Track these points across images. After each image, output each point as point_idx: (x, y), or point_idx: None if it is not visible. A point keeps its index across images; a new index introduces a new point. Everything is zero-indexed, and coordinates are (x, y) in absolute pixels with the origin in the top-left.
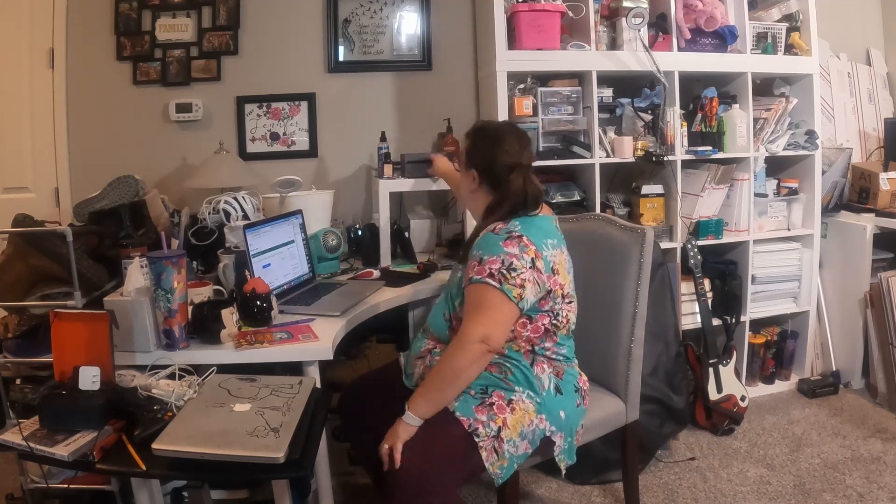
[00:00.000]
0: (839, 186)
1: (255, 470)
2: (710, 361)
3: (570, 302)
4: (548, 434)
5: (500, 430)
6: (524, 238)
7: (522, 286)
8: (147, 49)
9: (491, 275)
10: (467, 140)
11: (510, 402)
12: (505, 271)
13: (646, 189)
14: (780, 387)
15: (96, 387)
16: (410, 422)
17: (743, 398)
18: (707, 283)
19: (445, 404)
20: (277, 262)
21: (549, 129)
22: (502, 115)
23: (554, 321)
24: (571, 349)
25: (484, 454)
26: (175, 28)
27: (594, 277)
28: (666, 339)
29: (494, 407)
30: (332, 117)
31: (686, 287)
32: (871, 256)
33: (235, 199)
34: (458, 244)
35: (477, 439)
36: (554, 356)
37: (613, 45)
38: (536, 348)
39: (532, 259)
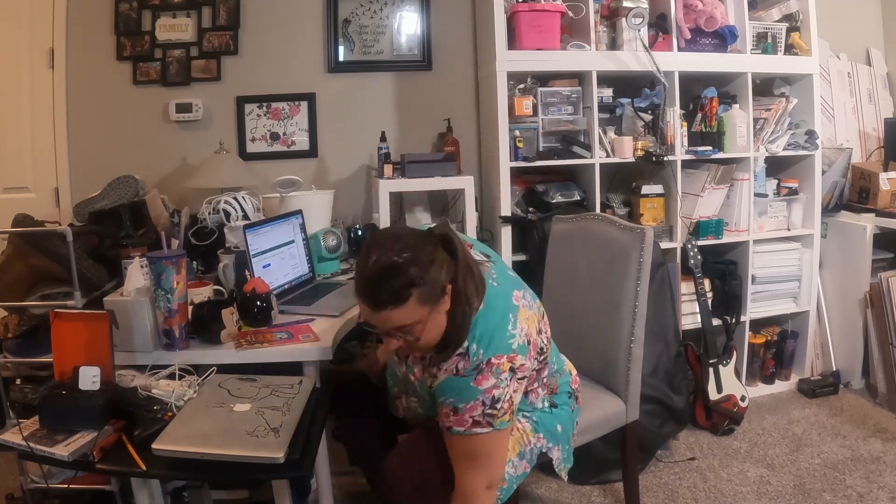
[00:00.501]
0: (839, 186)
1: (255, 470)
2: (710, 361)
3: (544, 317)
4: (544, 451)
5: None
6: (492, 360)
7: (511, 404)
8: (147, 49)
9: (476, 423)
10: (412, 296)
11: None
12: (489, 411)
13: (646, 189)
14: (780, 387)
15: (96, 387)
16: None
17: (743, 398)
18: (707, 283)
19: None
20: (277, 262)
21: (549, 129)
22: (502, 116)
23: (539, 357)
24: (557, 355)
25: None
26: (175, 28)
27: (594, 277)
28: (666, 339)
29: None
30: (332, 117)
31: (686, 287)
32: (871, 256)
33: (235, 199)
34: None
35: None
36: (547, 376)
37: (613, 45)
38: (529, 391)
39: (510, 368)
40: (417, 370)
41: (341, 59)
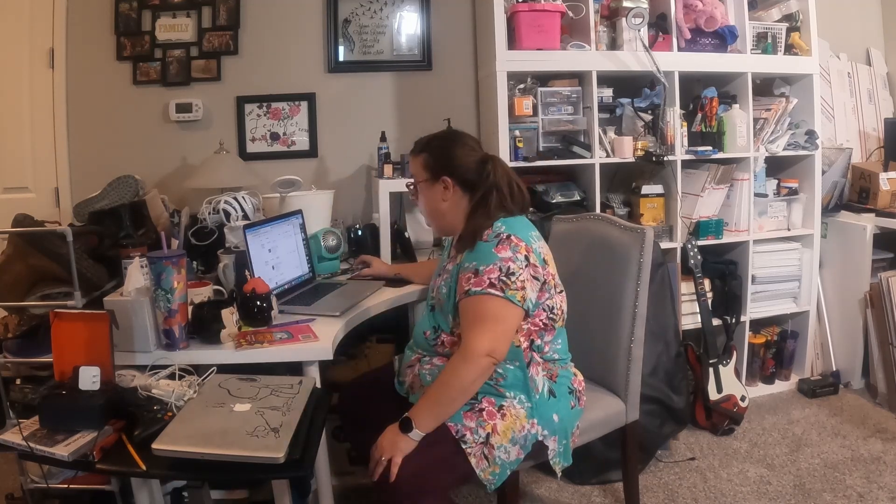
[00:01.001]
0: (839, 186)
1: (255, 470)
2: (710, 361)
3: (561, 291)
4: (540, 438)
5: (489, 436)
6: (512, 237)
7: (523, 287)
8: (147, 49)
9: (491, 284)
10: (422, 154)
11: (501, 407)
12: (504, 278)
13: (646, 189)
14: (780, 387)
15: (96, 387)
16: (416, 437)
17: (743, 398)
18: (707, 283)
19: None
20: (277, 262)
21: (549, 129)
22: (502, 115)
23: (551, 315)
24: (566, 346)
25: (473, 461)
26: (175, 28)
27: (594, 277)
28: (666, 339)
29: (484, 413)
30: (332, 117)
31: (686, 287)
32: (871, 256)
33: (235, 199)
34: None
35: (464, 446)
36: (549, 357)
37: (613, 45)
38: (534, 344)
39: (525, 256)
40: (450, 263)
41: (341, 59)
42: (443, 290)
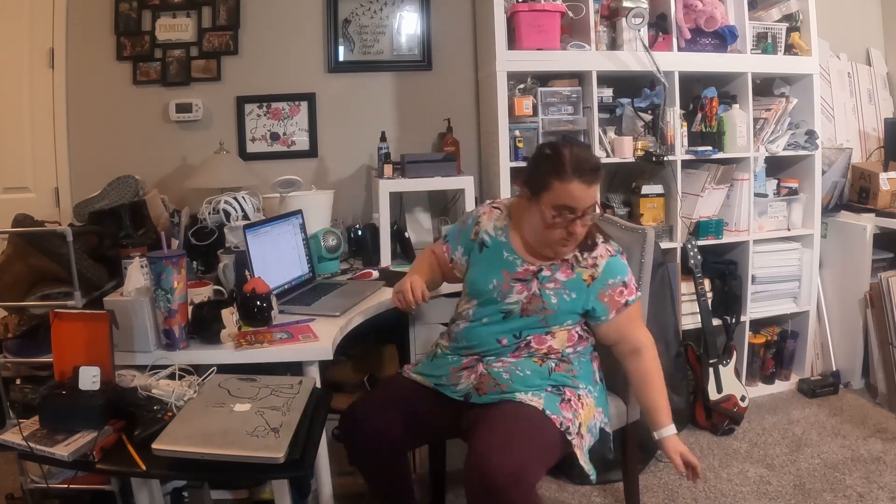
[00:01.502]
0: (839, 186)
1: (255, 470)
2: (710, 361)
3: None
4: (602, 426)
5: (580, 426)
6: (614, 243)
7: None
8: (147, 49)
9: (637, 288)
10: (600, 178)
11: (579, 397)
12: (632, 285)
13: (646, 189)
14: (780, 387)
15: (96, 387)
16: (674, 432)
17: (743, 398)
18: (707, 283)
19: None
20: (277, 262)
21: (549, 129)
22: (502, 115)
23: None
24: None
25: (577, 452)
26: (175, 28)
27: None
28: (666, 339)
29: (572, 403)
30: (332, 117)
31: (686, 287)
32: (871, 256)
33: (235, 199)
34: None
35: (570, 437)
36: (596, 345)
37: (613, 45)
38: (591, 339)
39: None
40: (561, 273)
41: (341, 59)
42: (551, 298)
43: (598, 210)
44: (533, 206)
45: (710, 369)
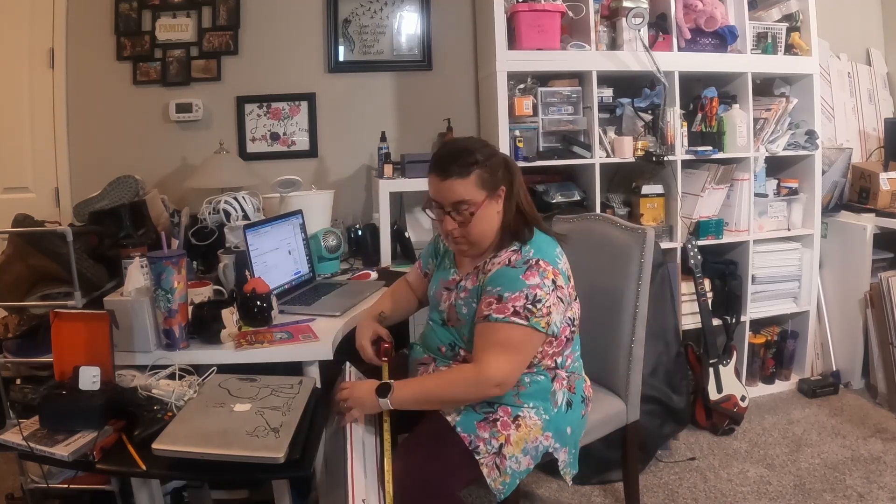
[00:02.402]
0: (839, 186)
1: (255, 470)
2: (710, 361)
3: (576, 298)
4: (550, 451)
5: (501, 446)
6: (541, 262)
7: (549, 313)
8: (147, 49)
9: (516, 313)
10: (473, 173)
11: (516, 417)
12: (530, 306)
13: (646, 189)
14: (780, 387)
15: (96, 387)
16: (384, 406)
17: (743, 398)
18: (707, 283)
19: None
20: (277, 262)
21: (549, 129)
22: (502, 116)
23: (572, 327)
24: (579, 352)
25: (485, 470)
26: (175, 28)
27: (595, 278)
28: (666, 339)
29: (499, 423)
30: (332, 117)
31: (686, 287)
32: (871, 256)
33: (235, 199)
34: None
35: (477, 456)
36: (571, 369)
37: (613, 45)
38: (558, 362)
39: (553, 280)
40: (469, 281)
41: (341, 59)
42: (462, 309)
43: (483, 209)
44: None
45: (711, 369)
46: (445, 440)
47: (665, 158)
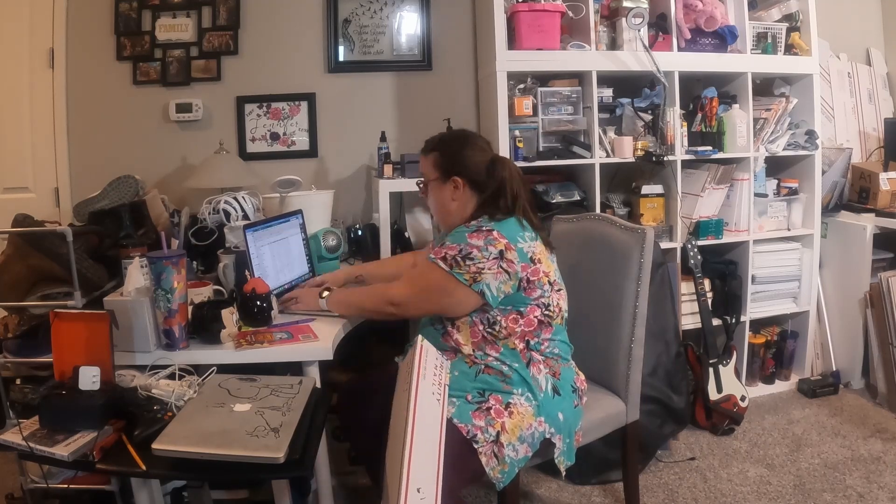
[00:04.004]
0: (839, 186)
1: (255, 470)
2: (710, 361)
3: (559, 290)
4: (547, 436)
5: (498, 434)
6: (494, 232)
7: (478, 273)
8: (147, 49)
9: (444, 258)
10: (433, 153)
11: (508, 405)
12: (459, 259)
13: (646, 189)
14: (780, 387)
15: (96, 387)
16: (323, 305)
17: (743, 398)
18: (707, 283)
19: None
20: (277, 262)
21: (549, 129)
22: (502, 116)
23: (546, 312)
24: (567, 344)
25: (483, 459)
26: (175, 28)
27: (594, 277)
28: (666, 339)
29: (492, 411)
30: (332, 117)
31: (686, 287)
32: (871, 256)
33: (235, 199)
34: None
35: (476, 445)
36: (550, 353)
37: (613, 45)
38: (531, 343)
39: (501, 251)
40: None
41: (341, 59)
42: None
43: (432, 187)
44: None
45: (710, 369)
46: (451, 447)
47: (665, 158)
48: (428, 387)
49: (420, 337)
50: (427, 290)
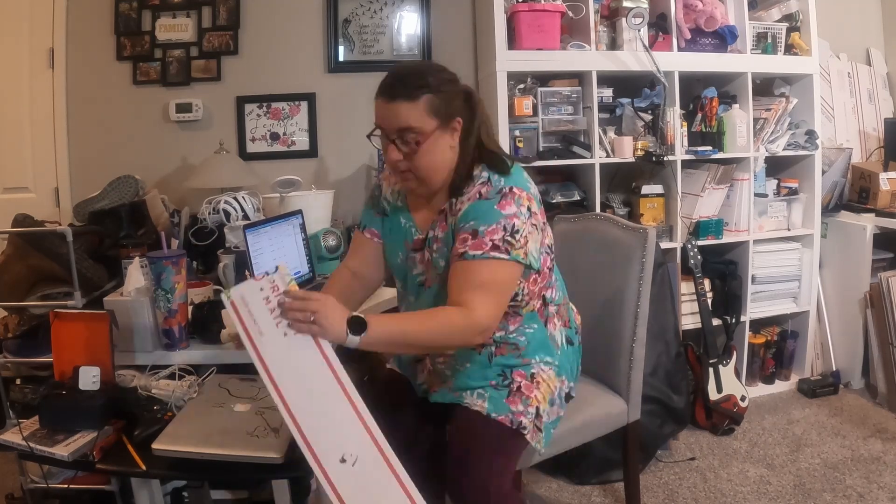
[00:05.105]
0: (839, 186)
1: (255, 470)
2: (710, 361)
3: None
4: (567, 391)
5: (538, 410)
6: (514, 189)
7: (527, 242)
8: (147, 49)
9: (495, 247)
10: (424, 97)
11: (532, 376)
12: (509, 238)
13: (646, 189)
14: (780, 387)
15: (96, 387)
16: (352, 344)
17: (743, 398)
18: (707, 283)
19: None
20: (277, 262)
21: (549, 129)
22: (502, 116)
23: (551, 255)
24: (561, 279)
25: (529, 436)
26: (175, 28)
27: (596, 277)
28: (666, 339)
29: (522, 389)
30: (332, 117)
31: (686, 287)
32: (871, 256)
33: (235, 199)
34: None
35: (524, 432)
36: (558, 301)
37: (613, 45)
38: (546, 297)
39: (528, 207)
40: (439, 229)
41: (341, 59)
42: (439, 262)
43: (431, 140)
44: None
45: (710, 369)
46: (487, 433)
47: (665, 158)
48: (272, 338)
49: (224, 296)
50: (505, 292)
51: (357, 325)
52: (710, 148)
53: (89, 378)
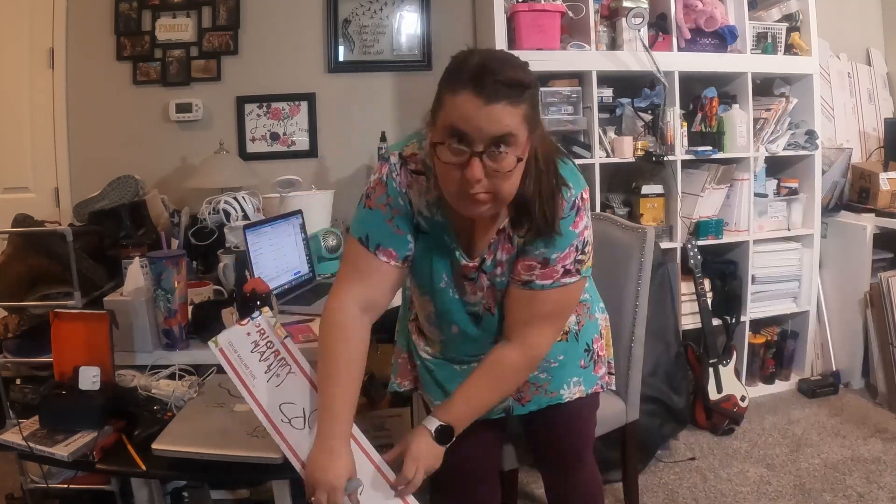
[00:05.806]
0: (839, 186)
1: (255, 470)
2: (710, 361)
3: None
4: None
5: (610, 361)
6: (582, 195)
7: (591, 249)
8: (147, 49)
9: (566, 272)
10: (529, 100)
11: (600, 332)
12: (580, 256)
13: (646, 189)
14: (780, 387)
15: (96, 387)
16: (432, 428)
17: (743, 398)
18: (707, 283)
19: None
20: (278, 262)
21: (549, 130)
22: None
23: None
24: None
25: (605, 382)
26: (175, 28)
27: (595, 277)
28: (666, 339)
29: (599, 352)
30: (332, 117)
31: (686, 287)
32: (871, 256)
33: (235, 199)
34: None
35: (611, 388)
36: None
37: (613, 45)
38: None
39: (589, 206)
40: (502, 251)
41: (341, 59)
42: (504, 285)
43: (524, 154)
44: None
45: (710, 369)
46: (587, 412)
47: (665, 158)
48: (265, 381)
49: (212, 343)
50: (569, 310)
51: (446, 436)
52: (710, 148)
53: (89, 378)
